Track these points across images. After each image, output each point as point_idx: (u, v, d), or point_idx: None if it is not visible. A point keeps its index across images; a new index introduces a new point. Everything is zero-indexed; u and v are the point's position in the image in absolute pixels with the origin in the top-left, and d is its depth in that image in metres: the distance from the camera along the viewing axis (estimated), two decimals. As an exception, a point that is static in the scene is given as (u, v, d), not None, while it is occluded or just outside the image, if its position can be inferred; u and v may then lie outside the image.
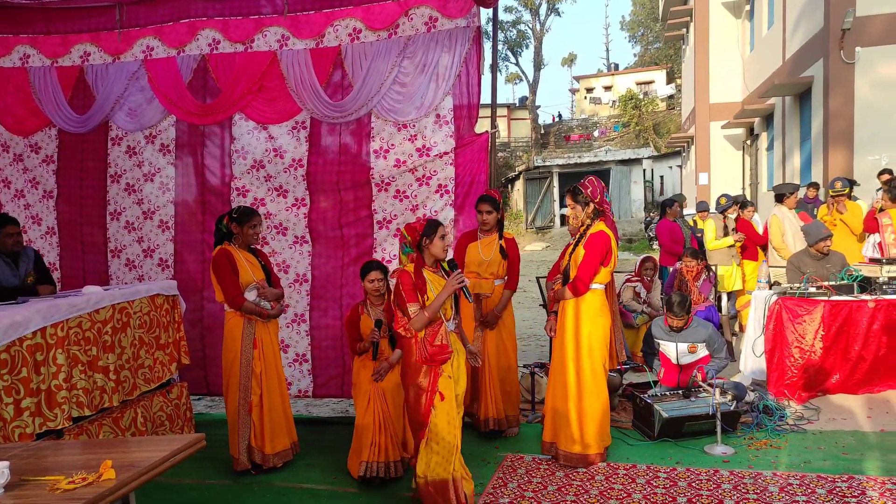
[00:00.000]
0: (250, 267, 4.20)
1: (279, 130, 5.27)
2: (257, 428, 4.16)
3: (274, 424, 4.20)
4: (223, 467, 4.26)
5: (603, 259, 4.04)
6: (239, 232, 4.18)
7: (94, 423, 3.73)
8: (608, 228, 4.08)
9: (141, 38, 5.43)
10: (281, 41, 5.21)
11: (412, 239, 3.52)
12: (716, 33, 18.35)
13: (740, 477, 3.80)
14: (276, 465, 4.20)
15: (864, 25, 10.18)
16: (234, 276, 4.10)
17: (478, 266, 4.64)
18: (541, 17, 38.53)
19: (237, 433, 4.15)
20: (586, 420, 4.04)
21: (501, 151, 33.06)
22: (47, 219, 5.74)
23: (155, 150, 5.51)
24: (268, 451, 4.17)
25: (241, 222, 4.17)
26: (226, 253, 4.14)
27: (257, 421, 4.16)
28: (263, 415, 4.16)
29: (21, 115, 5.69)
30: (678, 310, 4.96)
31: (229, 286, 4.09)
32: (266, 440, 4.16)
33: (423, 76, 4.98)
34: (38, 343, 3.29)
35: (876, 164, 9.85)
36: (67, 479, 1.92)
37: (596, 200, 4.10)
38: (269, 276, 4.32)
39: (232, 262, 4.12)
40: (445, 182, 5.03)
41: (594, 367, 4.06)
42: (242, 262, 4.17)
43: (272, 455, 4.18)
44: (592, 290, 4.08)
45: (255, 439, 4.16)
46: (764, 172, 16.05)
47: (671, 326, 5.05)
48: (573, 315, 4.10)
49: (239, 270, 4.13)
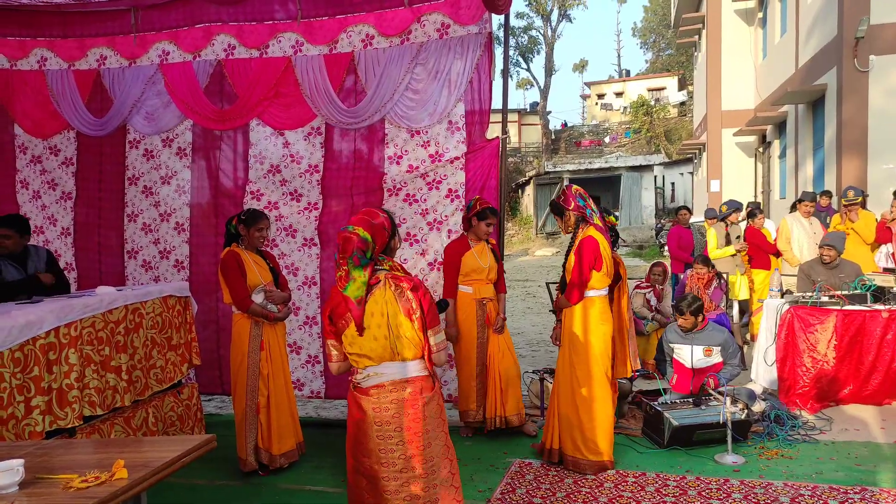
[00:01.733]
0: (258, 269, 4.23)
1: (295, 136, 5.31)
2: (264, 429, 4.19)
3: (281, 425, 4.23)
4: (233, 468, 4.28)
5: (593, 264, 4.03)
6: (246, 234, 4.22)
7: (106, 423, 3.76)
8: (597, 233, 4.07)
9: (157, 42, 5.50)
10: (295, 47, 5.25)
11: (378, 243, 2.60)
12: (728, 40, 18.26)
13: (751, 487, 3.77)
14: (282, 466, 4.23)
15: (879, 33, 10.12)
16: (242, 278, 4.14)
17: (479, 273, 4.69)
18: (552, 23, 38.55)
19: (244, 434, 4.18)
20: (596, 426, 4.02)
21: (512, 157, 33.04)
22: (63, 220, 5.81)
23: (172, 153, 5.57)
24: (275, 451, 4.20)
25: (249, 224, 4.21)
26: (234, 255, 4.18)
27: (264, 422, 4.19)
28: (270, 416, 4.19)
29: (39, 117, 5.76)
30: (685, 308, 4.98)
31: (237, 288, 4.12)
32: (273, 441, 4.19)
33: (435, 82, 5.00)
34: (51, 342, 3.33)
35: (890, 172, 9.77)
36: (81, 478, 1.94)
37: (570, 208, 4.12)
38: (277, 278, 4.36)
39: (240, 264, 4.16)
40: (456, 187, 5.05)
41: (595, 374, 4.04)
42: (250, 264, 4.20)
43: (279, 456, 4.21)
44: (590, 297, 4.08)
45: (262, 440, 4.19)
46: (776, 180, 15.94)
47: (682, 328, 5.05)
48: (569, 322, 4.13)
49: (247, 272, 4.16)
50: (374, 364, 2.58)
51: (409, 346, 2.56)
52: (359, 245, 2.53)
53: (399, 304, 2.54)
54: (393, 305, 2.53)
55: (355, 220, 2.61)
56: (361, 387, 2.61)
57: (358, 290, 2.53)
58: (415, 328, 2.54)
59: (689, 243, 8.25)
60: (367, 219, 2.60)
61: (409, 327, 2.54)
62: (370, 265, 2.57)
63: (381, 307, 2.53)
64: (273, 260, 4.49)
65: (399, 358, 2.57)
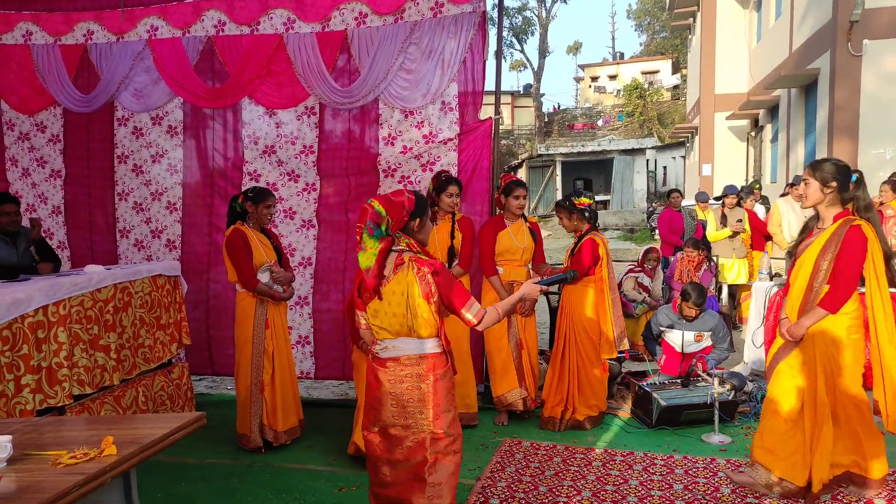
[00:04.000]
0: (263, 248, 4.23)
1: (288, 116, 5.25)
2: (269, 406, 4.23)
3: (286, 402, 4.29)
4: (224, 447, 4.30)
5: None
6: (254, 211, 4.21)
7: (96, 402, 3.76)
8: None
9: (145, 17, 5.40)
10: (287, 24, 5.17)
11: (394, 219, 2.69)
12: (723, 24, 18.21)
13: (737, 465, 3.82)
14: (285, 442, 4.29)
15: (873, 18, 10.11)
16: (249, 257, 4.14)
17: (513, 254, 4.63)
18: (547, 5, 38.21)
19: (248, 411, 4.21)
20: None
21: (505, 139, 32.95)
22: (53, 198, 5.75)
23: (162, 131, 5.50)
24: (280, 428, 4.25)
25: (257, 201, 4.21)
26: (240, 233, 4.17)
27: (269, 399, 4.22)
28: (276, 393, 4.23)
29: (25, 93, 5.67)
30: (697, 300, 4.95)
31: (244, 267, 4.13)
32: (278, 418, 4.24)
33: (429, 62, 4.95)
34: (39, 321, 3.31)
35: (880, 157, 9.82)
36: (69, 454, 1.94)
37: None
38: (280, 257, 4.37)
39: (246, 243, 4.15)
40: (448, 168, 5.02)
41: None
42: (256, 243, 4.20)
43: (283, 432, 4.27)
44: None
45: (268, 417, 4.23)
46: (768, 164, 16.00)
47: (683, 315, 5.04)
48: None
49: (252, 251, 4.16)
50: (391, 338, 2.72)
51: (424, 326, 2.68)
52: (372, 217, 2.65)
53: (419, 287, 2.64)
54: (413, 287, 2.64)
55: (379, 196, 2.79)
56: (379, 357, 2.76)
57: (367, 261, 2.65)
58: (431, 311, 2.66)
59: (679, 227, 8.27)
60: (388, 195, 2.73)
61: (426, 309, 2.65)
62: (386, 240, 2.67)
63: (403, 287, 2.66)
64: (276, 239, 4.49)
65: (415, 335, 2.70)
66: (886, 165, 9.67)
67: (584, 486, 3.62)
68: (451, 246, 4.56)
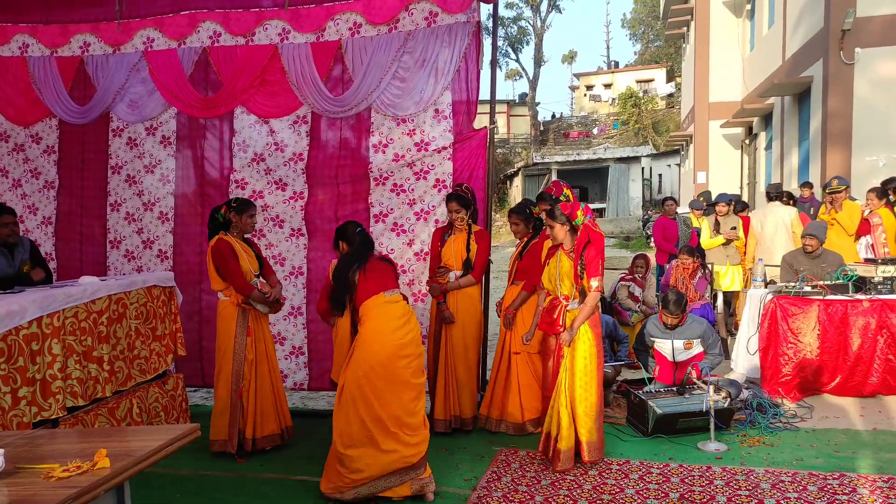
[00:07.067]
0: (248, 257, 4.29)
1: (280, 125, 5.27)
2: (247, 412, 4.27)
3: (264, 410, 4.32)
4: (219, 459, 4.27)
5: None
6: (237, 221, 4.25)
7: (90, 413, 3.74)
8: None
9: (141, 29, 5.42)
10: (282, 35, 5.20)
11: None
12: (716, 32, 18.31)
13: (732, 473, 3.82)
14: (263, 448, 4.32)
15: (864, 26, 10.18)
16: (238, 265, 4.17)
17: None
18: (542, 14, 38.38)
19: (225, 416, 4.25)
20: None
21: (500, 148, 33.01)
22: (45, 209, 5.75)
23: (156, 142, 5.51)
24: (257, 434, 4.31)
25: (241, 211, 4.25)
26: (226, 243, 4.21)
27: (246, 405, 4.26)
28: (254, 400, 4.28)
29: (21, 105, 5.68)
30: (674, 308, 4.97)
31: (236, 274, 4.16)
32: (254, 424, 4.29)
33: (422, 71, 4.98)
34: (34, 332, 3.29)
35: (873, 164, 9.86)
36: (62, 467, 1.93)
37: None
38: (262, 266, 4.42)
39: (234, 252, 4.19)
40: (443, 177, 5.04)
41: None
42: (241, 253, 4.25)
43: (260, 438, 4.32)
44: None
45: (245, 423, 4.28)
46: (762, 172, 16.05)
47: (666, 324, 5.06)
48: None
49: (239, 260, 4.19)
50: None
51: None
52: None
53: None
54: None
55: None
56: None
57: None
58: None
59: (673, 234, 8.27)
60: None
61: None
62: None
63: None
64: (257, 248, 4.54)
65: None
66: (880, 172, 9.70)
67: (580, 496, 3.61)
68: (468, 258, 4.60)
